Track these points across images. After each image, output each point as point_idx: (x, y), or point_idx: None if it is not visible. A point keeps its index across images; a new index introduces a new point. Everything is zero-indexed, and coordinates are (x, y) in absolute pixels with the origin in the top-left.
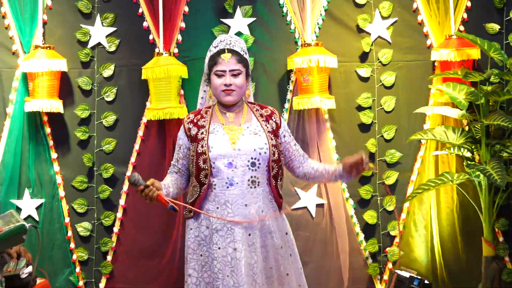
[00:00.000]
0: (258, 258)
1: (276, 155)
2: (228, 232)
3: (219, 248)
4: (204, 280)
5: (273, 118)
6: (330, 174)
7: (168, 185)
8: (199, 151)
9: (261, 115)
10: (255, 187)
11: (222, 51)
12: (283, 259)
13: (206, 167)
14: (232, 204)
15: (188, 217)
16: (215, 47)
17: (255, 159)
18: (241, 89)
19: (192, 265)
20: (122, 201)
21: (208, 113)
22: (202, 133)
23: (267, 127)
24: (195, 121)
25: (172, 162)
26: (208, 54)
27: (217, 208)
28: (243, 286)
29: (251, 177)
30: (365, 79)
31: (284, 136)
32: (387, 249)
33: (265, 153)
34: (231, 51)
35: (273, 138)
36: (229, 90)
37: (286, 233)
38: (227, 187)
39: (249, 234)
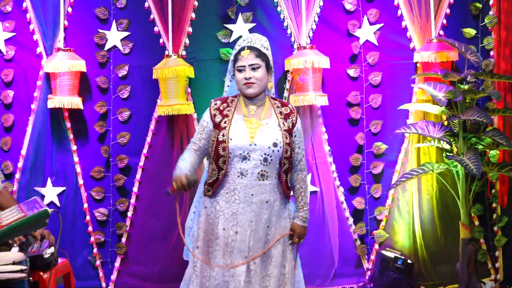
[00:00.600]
0: (256, 242)
1: (289, 152)
2: (233, 216)
3: (223, 229)
4: (208, 254)
5: (290, 117)
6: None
7: (187, 155)
8: (220, 139)
9: (281, 113)
10: (263, 180)
11: (242, 48)
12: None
13: (225, 155)
14: (240, 192)
15: (206, 195)
16: (238, 46)
17: (268, 155)
18: (261, 81)
19: (200, 238)
20: (135, 189)
21: (234, 103)
22: (225, 122)
23: (284, 125)
24: (221, 108)
25: (193, 140)
26: (233, 53)
27: (227, 193)
28: (233, 263)
29: (262, 170)
30: (354, 79)
31: (295, 136)
32: (374, 232)
33: (278, 150)
34: (250, 47)
35: (288, 136)
36: (249, 83)
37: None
38: (238, 176)
39: (251, 221)
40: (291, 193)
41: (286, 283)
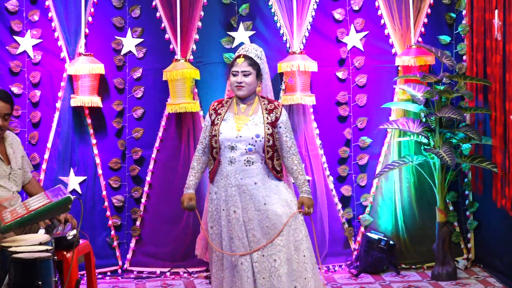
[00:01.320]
0: (253, 216)
1: (271, 141)
2: (229, 198)
3: (223, 210)
4: (214, 232)
5: (274, 111)
6: (296, 186)
7: (194, 179)
8: (213, 134)
9: (266, 109)
10: (250, 165)
11: (238, 56)
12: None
13: (217, 146)
14: (231, 177)
15: (210, 183)
16: (237, 53)
17: (252, 144)
18: (250, 86)
19: (211, 220)
20: (148, 178)
21: (228, 103)
22: (218, 119)
23: (268, 119)
24: (216, 109)
25: (200, 140)
26: (232, 59)
27: (221, 179)
28: (237, 236)
29: (247, 157)
30: (342, 80)
31: (280, 127)
32: (360, 216)
33: (260, 140)
34: (245, 56)
35: (270, 128)
36: (240, 86)
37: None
38: (228, 164)
39: (245, 200)
40: (282, 175)
41: (301, 248)
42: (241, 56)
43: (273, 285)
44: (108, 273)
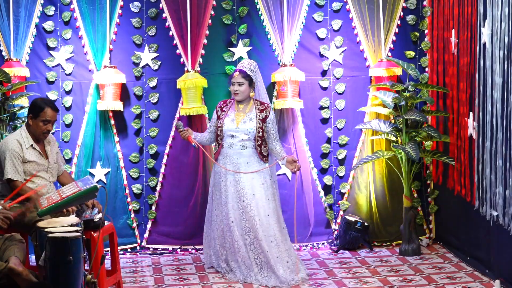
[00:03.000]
0: (243, 187)
1: (261, 133)
2: (228, 172)
3: (222, 180)
4: (215, 200)
5: (264, 111)
6: (279, 158)
7: (197, 134)
8: (218, 125)
9: (259, 109)
10: (244, 149)
11: (235, 70)
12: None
13: (221, 135)
14: (230, 157)
15: (215, 162)
16: (236, 67)
17: (246, 134)
18: (244, 93)
19: (210, 194)
20: (162, 170)
21: (230, 103)
22: (222, 115)
23: (259, 116)
24: (222, 107)
25: (208, 126)
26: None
27: (223, 158)
28: (230, 202)
29: (243, 144)
30: (324, 88)
31: (268, 123)
32: (339, 202)
33: (253, 131)
34: (240, 70)
35: (261, 123)
36: (236, 93)
37: (263, 183)
38: (229, 148)
39: (238, 174)
40: (267, 159)
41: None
42: (237, 70)
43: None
44: (129, 250)
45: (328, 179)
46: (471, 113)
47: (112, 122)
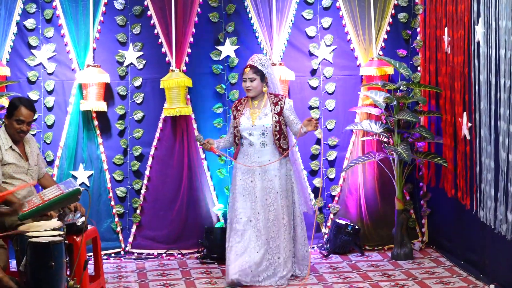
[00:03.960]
0: (265, 184)
1: (278, 127)
2: (248, 170)
3: (240, 179)
4: (235, 199)
5: (279, 103)
6: (299, 131)
7: (220, 141)
8: (235, 125)
9: (273, 102)
10: (264, 146)
11: (246, 66)
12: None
13: (238, 135)
14: (251, 156)
15: (235, 161)
16: (247, 63)
17: (264, 130)
18: (256, 88)
19: (233, 189)
20: (147, 172)
21: (245, 101)
22: (237, 114)
23: (274, 110)
24: (237, 106)
25: (228, 129)
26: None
27: (243, 157)
28: (253, 199)
29: (262, 141)
30: (314, 88)
31: (285, 113)
32: (330, 204)
33: (269, 127)
34: (251, 66)
35: (277, 117)
36: (248, 90)
37: (286, 174)
38: (249, 146)
39: (259, 173)
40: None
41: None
42: (248, 66)
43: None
44: (112, 255)
45: (317, 182)
46: (464, 113)
47: (96, 123)
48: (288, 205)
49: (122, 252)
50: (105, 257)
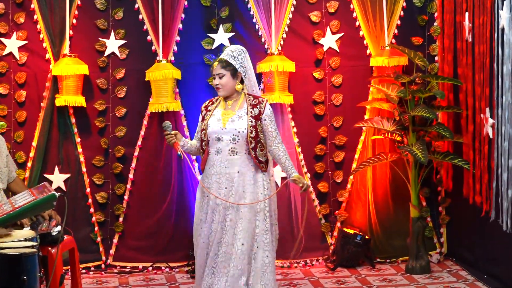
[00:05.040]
0: (231, 205)
1: (254, 133)
2: (216, 184)
3: (206, 196)
4: (199, 218)
5: (258, 106)
6: (284, 170)
7: (188, 141)
8: (202, 128)
9: (251, 104)
10: (234, 155)
11: (214, 61)
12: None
13: (205, 139)
14: (217, 166)
15: (201, 173)
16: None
17: (236, 135)
18: (226, 86)
19: (198, 208)
20: (131, 175)
21: (218, 100)
22: (207, 115)
23: (252, 113)
24: (207, 106)
25: (195, 133)
26: None
27: (209, 168)
28: (217, 219)
29: (232, 148)
30: (319, 80)
31: (265, 120)
32: (336, 212)
33: (243, 132)
34: (219, 59)
35: (253, 121)
36: (217, 88)
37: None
38: (215, 154)
39: (228, 187)
40: (266, 166)
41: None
42: (216, 60)
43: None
44: (92, 268)
45: (323, 186)
46: (487, 109)
47: (73, 120)
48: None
49: (103, 265)
50: (83, 270)
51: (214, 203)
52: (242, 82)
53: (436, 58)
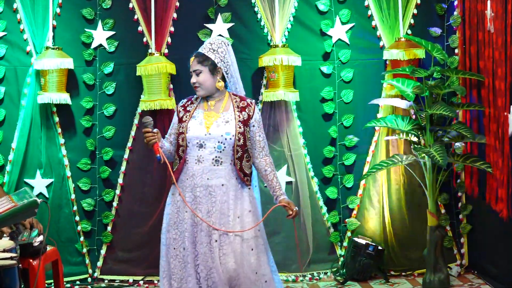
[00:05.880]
0: (215, 222)
1: (242, 141)
2: (195, 200)
3: (186, 211)
4: (172, 236)
5: (247, 109)
6: (270, 188)
7: (164, 143)
8: (180, 131)
9: (238, 106)
10: (218, 165)
11: (191, 56)
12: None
13: (183, 144)
14: (197, 177)
15: (172, 183)
16: None
17: (221, 143)
18: (205, 84)
19: (169, 223)
20: (120, 180)
21: (198, 100)
22: (186, 116)
23: (239, 117)
24: (185, 105)
25: (166, 135)
26: None
27: (187, 179)
28: (201, 240)
29: (216, 157)
30: (327, 75)
31: (253, 126)
32: (346, 220)
33: (230, 139)
34: (196, 54)
35: (242, 126)
36: (195, 87)
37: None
38: (196, 163)
39: (211, 204)
40: (250, 180)
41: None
42: (193, 56)
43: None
44: (77, 282)
45: (332, 192)
46: None
47: (56, 119)
48: None
49: (90, 279)
50: (68, 285)
51: (192, 220)
52: (224, 79)
53: (456, 50)
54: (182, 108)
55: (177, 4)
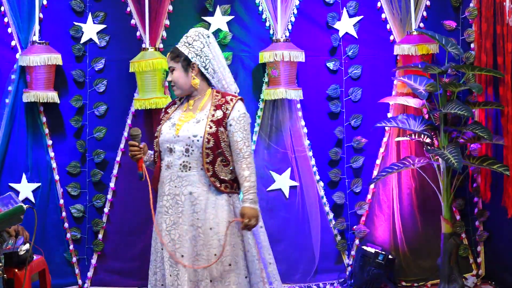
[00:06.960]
0: (182, 234)
1: (212, 143)
2: (165, 210)
3: (160, 223)
4: (156, 249)
5: (223, 107)
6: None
7: (151, 154)
8: (156, 135)
9: (215, 105)
10: (186, 171)
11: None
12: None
13: (157, 149)
14: (166, 185)
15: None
16: None
17: (189, 145)
18: (179, 82)
19: (154, 235)
20: (112, 184)
21: (181, 101)
22: (163, 119)
23: (213, 116)
24: (168, 107)
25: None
26: None
27: (160, 187)
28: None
29: (184, 161)
30: (333, 72)
31: (231, 125)
32: (354, 227)
33: (198, 140)
34: (171, 49)
35: (213, 126)
36: (171, 86)
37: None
38: (166, 169)
39: (178, 215)
40: (233, 186)
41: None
42: (169, 52)
43: None
44: None
45: (339, 196)
46: None
47: (43, 119)
48: None
49: None
50: None
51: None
52: (204, 76)
53: (472, 45)
54: (164, 110)
55: None
